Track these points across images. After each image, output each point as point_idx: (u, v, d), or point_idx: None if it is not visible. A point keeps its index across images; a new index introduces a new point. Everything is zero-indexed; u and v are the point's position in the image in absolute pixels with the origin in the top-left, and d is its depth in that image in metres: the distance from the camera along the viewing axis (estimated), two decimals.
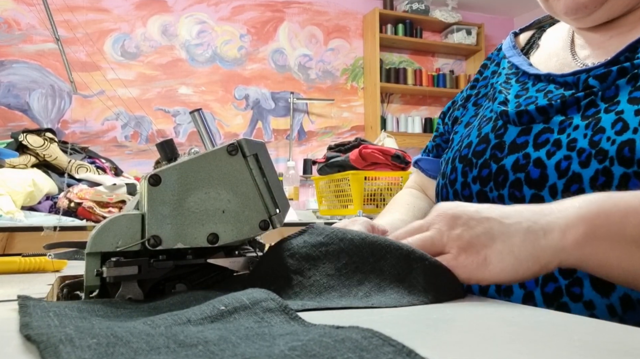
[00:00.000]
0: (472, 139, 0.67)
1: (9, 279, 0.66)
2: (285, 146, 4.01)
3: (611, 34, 0.62)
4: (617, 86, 0.56)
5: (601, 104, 0.56)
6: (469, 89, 0.81)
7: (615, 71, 0.56)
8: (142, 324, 0.32)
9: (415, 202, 0.82)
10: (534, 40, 0.75)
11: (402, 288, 0.42)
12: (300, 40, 4.17)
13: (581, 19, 0.61)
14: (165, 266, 0.47)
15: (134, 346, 0.27)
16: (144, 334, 0.29)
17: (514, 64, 0.71)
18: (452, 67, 4.70)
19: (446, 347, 0.28)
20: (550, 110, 0.59)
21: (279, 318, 0.33)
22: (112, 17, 3.63)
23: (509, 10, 4.88)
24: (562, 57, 0.67)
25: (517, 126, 0.62)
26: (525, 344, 0.29)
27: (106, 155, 2.73)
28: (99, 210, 1.76)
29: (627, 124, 0.52)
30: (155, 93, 3.71)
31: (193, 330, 0.30)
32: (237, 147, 0.48)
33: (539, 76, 0.65)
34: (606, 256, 0.41)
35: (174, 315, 0.34)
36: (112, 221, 0.45)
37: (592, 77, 0.57)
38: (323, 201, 2.34)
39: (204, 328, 0.31)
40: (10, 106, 3.34)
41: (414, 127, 4.45)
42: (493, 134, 0.64)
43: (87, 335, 0.28)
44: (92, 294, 0.46)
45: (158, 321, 0.33)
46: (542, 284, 0.53)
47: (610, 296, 0.49)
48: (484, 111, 0.71)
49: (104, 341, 0.27)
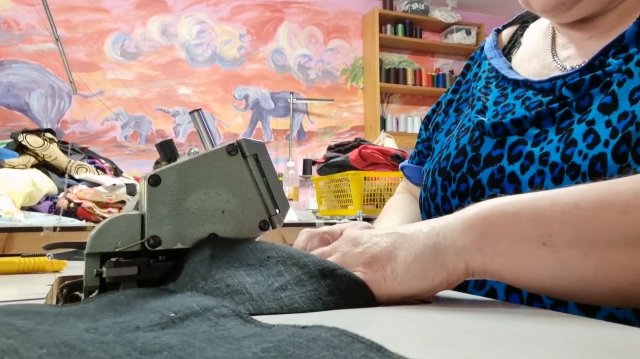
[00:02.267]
0: (450, 151, 0.67)
1: (8, 280, 0.66)
2: (285, 146, 4.01)
3: (591, 33, 0.61)
4: (590, 95, 0.55)
5: (575, 114, 0.56)
6: (451, 92, 0.81)
7: (588, 80, 0.55)
8: (85, 331, 0.29)
9: (410, 207, 0.83)
10: (516, 37, 0.75)
11: (322, 286, 0.40)
12: (300, 40, 4.17)
13: (558, 15, 0.61)
14: (164, 266, 0.47)
15: (91, 355, 0.24)
16: (97, 342, 0.25)
17: (494, 66, 0.71)
18: (451, 67, 4.71)
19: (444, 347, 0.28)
20: (525, 122, 0.59)
21: (234, 322, 0.31)
22: (111, 17, 3.63)
23: (509, 10, 4.88)
24: (543, 59, 0.67)
25: (492, 138, 0.62)
26: (523, 344, 0.29)
27: (106, 155, 2.73)
28: (98, 210, 1.76)
29: (598, 136, 0.51)
30: (154, 93, 3.71)
31: (148, 336, 0.27)
32: (236, 147, 0.48)
33: (518, 82, 0.65)
34: (509, 255, 0.39)
35: (117, 323, 0.31)
36: (112, 222, 0.45)
37: (566, 87, 0.57)
38: (323, 201, 2.34)
39: (158, 334, 0.28)
40: (10, 106, 3.34)
41: (414, 127, 4.45)
42: (470, 147, 0.64)
43: (33, 344, 0.24)
44: (92, 295, 0.46)
45: (103, 329, 0.30)
46: (527, 303, 0.53)
47: (595, 315, 0.49)
48: (464, 119, 0.71)
49: (56, 351, 0.24)
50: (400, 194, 0.89)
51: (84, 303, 0.39)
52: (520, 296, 0.54)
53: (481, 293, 0.57)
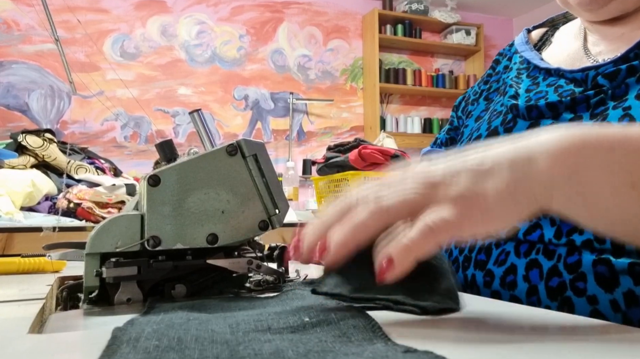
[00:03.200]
0: (481, 132, 0.67)
1: (8, 280, 0.65)
2: (284, 147, 4.01)
3: (623, 30, 0.62)
4: (626, 84, 0.56)
5: (610, 102, 0.56)
6: (482, 83, 0.81)
7: (625, 69, 0.56)
8: (223, 326, 0.33)
9: None
10: (546, 37, 0.76)
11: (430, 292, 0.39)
12: (300, 40, 4.17)
13: (594, 10, 0.61)
14: (164, 266, 0.47)
15: (185, 353, 0.27)
16: (207, 341, 0.28)
17: (526, 58, 0.71)
18: (451, 68, 4.71)
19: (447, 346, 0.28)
20: (560, 106, 0.59)
21: (362, 335, 0.30)
22: (111, 17, 3.63)
23: (508, 11, 4.88)
24: (574, 52, 0.67)
25: (526, 120, 0.62)
26: (526, 344, 0.29)
27: (105, 155, 2.73)
28: (98, 211, 1.76)
29: (633, 119, 0.52)
30: (154, 93, 3.71)
31: (261, 339, 0.29)
32: (236, 147, 0.48)
33: (550, 70, 0.65)
34: (598, 197, 0.37)
35: (257, 321, 0.34)
36: (112, 222, 0.45)
37: (602, 75, 0.57)
38: (322, 201, 2.34)
39: (277, 337, 0.30)
40: (10, 107, 3.33)
41: (414, 127, 4.45)
42: (502, 128, 0.64)
43: (156, 336, 0.29)
44: (92, 295, 0.46)
45: (241, 325, 0.33)
46: (546, 279, 0.53)
47: (614, 292, 0.49)
48: (495, 105, 0.71)
49: (163, 345, 0.28)
50: None
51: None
52: (540, 271, 0.53)
53: (500, 269, 0.57)
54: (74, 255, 0.54)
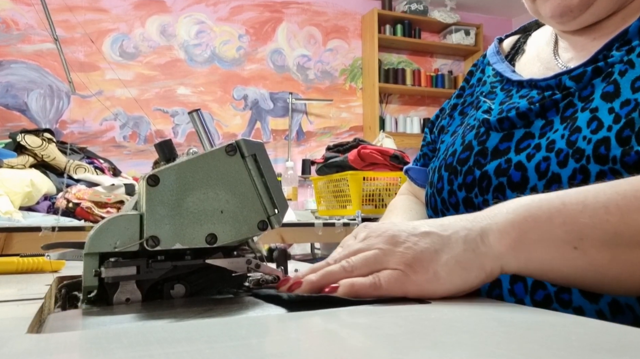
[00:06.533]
0: (456, 147, 0.68)
1: (6, 280, 0.65)
2: (283, 146, 4.01)
3: (594, 36, 0.62)
4: (592, 85, 0.56)
5: (578, 103, 0.57)
6: (455, 97, 0.81)
7: (590, 70, 0.56)
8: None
9: (415, 207, 0.83)
10: (519, 45, 0.76)
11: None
12: (299, 40, 4.17)
13: (567, 22, 0.62)
14: (163, 266, 0.47)
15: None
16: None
17: (498, 71, 0.71)
18: (450, 68, 4.71)
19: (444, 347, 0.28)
20: (530, 114, 0.60)
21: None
22: (110, 17, 3.63)
23: (508, 11, 4.89)
24: (546, 61, 0.68)
25: (499, 132, 0.63)
26: (523, 344, 0.29)
27: (104, 155, 2.73)
28: (97, 210, 1.76)
29: (601, 122, 0.52)
30: (153, 93, 3.71)
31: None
32: (235, 147, 0.48)
33: (522, 82, 0.66)
34: (542, 259, 0.42)
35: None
36: (111, 222, 0.45)
37: (569, 77, 0.58)
38: (322, 201, 2.34)
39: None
40: (9, 106, 3.33)
41: (413, 127, 4.45)
42: (476, 141, 0.65)
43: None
44: (90, 295, 0.46)
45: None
46: (531, 292, 0.54)
47: (599, 302, 0.50)
48: (469, 119, 0.72)
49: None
50: (404, 195, 0.89)
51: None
52: (524, 284, 0.54)
53: (486, 284, 0.58)
54: (72, 255, 0.54)
